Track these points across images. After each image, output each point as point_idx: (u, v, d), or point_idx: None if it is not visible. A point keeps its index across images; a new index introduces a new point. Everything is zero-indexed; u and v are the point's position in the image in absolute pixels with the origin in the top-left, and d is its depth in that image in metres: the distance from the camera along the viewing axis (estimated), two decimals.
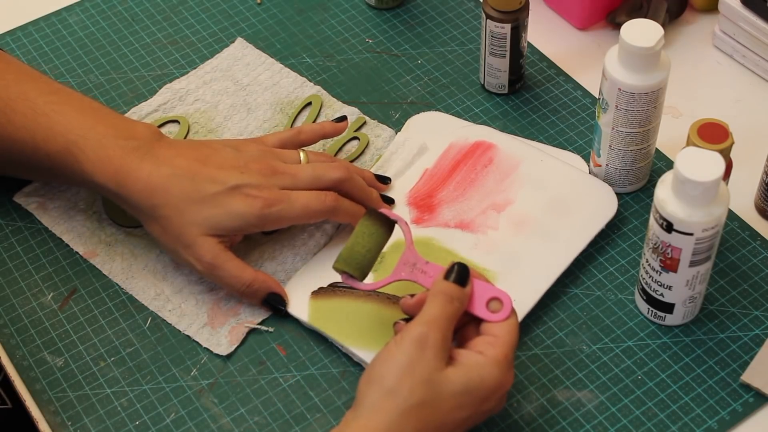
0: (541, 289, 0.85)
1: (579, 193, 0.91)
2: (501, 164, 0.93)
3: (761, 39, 1.00)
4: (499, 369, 0.73)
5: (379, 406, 0.71)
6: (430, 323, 0.73)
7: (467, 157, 0.94)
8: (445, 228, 0.89)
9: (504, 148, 0.94)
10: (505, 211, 0.90)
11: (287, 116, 0.99)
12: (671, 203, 0.77)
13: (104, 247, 0.91)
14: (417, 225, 0.90)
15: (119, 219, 0.92)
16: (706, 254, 0.79)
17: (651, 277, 0.82)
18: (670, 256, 0.79)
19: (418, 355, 0.71)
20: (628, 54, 0.84)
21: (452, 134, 0.95)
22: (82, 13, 1.10)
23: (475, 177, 0.92)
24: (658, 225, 0.78)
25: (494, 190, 0.91)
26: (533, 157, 0.93)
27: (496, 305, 0.76)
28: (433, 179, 0.93)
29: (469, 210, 0.90)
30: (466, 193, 0.91)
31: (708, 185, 0.75)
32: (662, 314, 0.84)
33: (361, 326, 0.84)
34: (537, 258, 0.87)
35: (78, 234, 0.92)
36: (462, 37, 1.07)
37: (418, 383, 0.71)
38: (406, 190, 0.92)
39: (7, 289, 0.89)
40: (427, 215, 0.90)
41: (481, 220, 0.90)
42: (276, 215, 0.84)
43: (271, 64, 1.03)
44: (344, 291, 0.85)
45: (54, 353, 0.85)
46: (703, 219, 0.76)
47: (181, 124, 0.99)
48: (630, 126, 0.88)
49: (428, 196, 0.91)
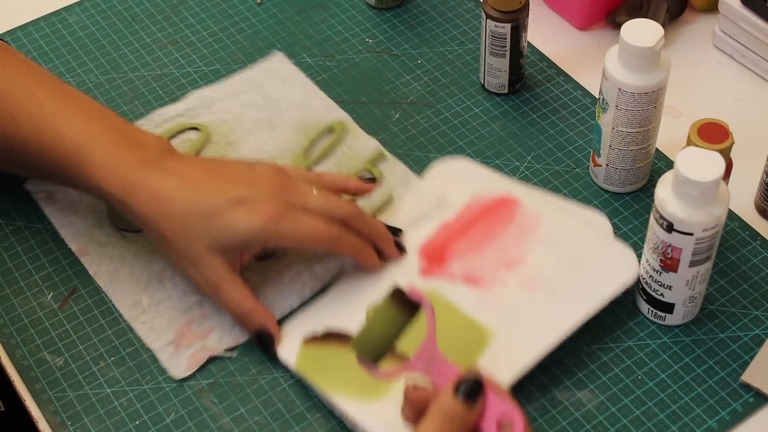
0: (540, 348, 0.80)
1: (596, 254, 0.86)
2: (521, 222, 0.88)
3: (761, 39, 1.00)
4: None
5: None
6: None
7: (489, 213, 0.89)
8: (450, 281, 0.85)
9: (528, 206, 0.89)
10: (516, 269, 0.86)
11: (308, 138, 0.97)
12: (671, 203, 0.77)
13: (96, 247, 0.91)
14: (424, 277, 0.86)
15: (118, 222, 0.92)
16: (706, 254, 0.79)
17: (651, 277, 0.82)
18: (670, 256, 0.79)
19: None
20: (628, 54, 0.84)
21: (477, 187, 0.91)
22: (82, 13, 1.10)
23: (492, 233, 0.88)
24: (658, 225, 0.78)
25: (509, 247, 0.87)
26: (555, 216, 0.89)
27: (508, 426, 0.68)
28: (450, 232, 0.89)
29: (480, 264, 0.86)
30: (481, 248, 0.87)
31: (708, 185, 0.75)
32: (662, 314, 0.84)
33: (348, 376, 0.79)
34: (540, 318, 0.82)
35: (74, 230, 0.92)
36: (462, 37, 1.07)
37: None
38: (420, 241, 0.88)
39: (7, 288, 0.89)
40: (435, 266, 0.86)
41: (490, 276, 0.85)
42: (280, 231, 0.80)
43: (304, 82, 1.02)
44: (338, 339, 0.82)
45: (54, 353, 0.85)
46: (704, 219, 0.76)
47: (201, 132, 0.98)
48: (630, 126, 0.88)
49: (442, 247, 0.88)
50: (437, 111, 1.00)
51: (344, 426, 0.80)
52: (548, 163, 0.96)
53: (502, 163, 0.96)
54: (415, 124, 0.99)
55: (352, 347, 0.73)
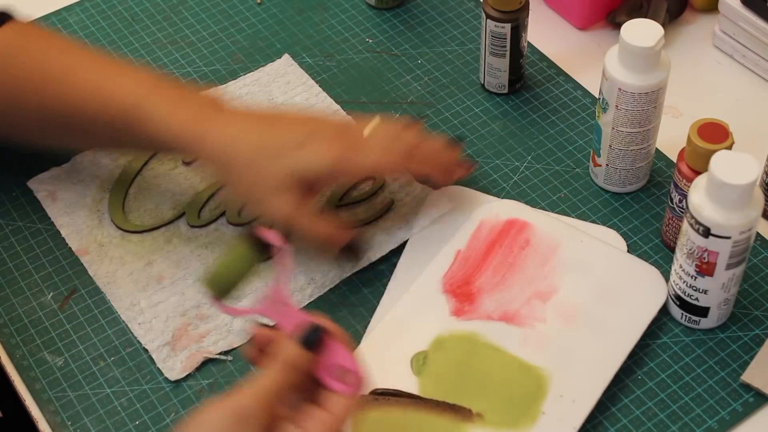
0: (599, 387, 0.80)
1: (625, 278, 0.85)
2: (539, 246, 0.87)
3: (761, 39, 1.00)
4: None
5: None
6: (258, 396, 0.66)
7: (502, 237, 0.88)
8: (488, 321, 0.83)
9: (539, 228, 0.88)
10: (550, 301, 0.84)
11: None
12: (707, 208, 0.76)
13: (96, 247, 0.91)
14: (458, 318, 0.84)
15: (120, 222, 0.92)
16: (742, 256, 0.79)
17: (685, 283, 0.81)
18: (706, 261, 0.79)
19: (233, 429, 0.65)
20: (628, 54, 0.84)
21: (480, 210, 0.90)
22: (82, 13, 1.10)
23: (513, 261, 0.86)
24: (694, 230, 0.78)
25: (536, 276, 0.86)
26: (571, 237, 0.88)
27: (345, 375, 0.69)
28: (467, 263, 0.86)
29: (512, 300, 0.84)
30: (507, 280, 0.85)
31: (745, 188, 0.74)
32: (696, 318, 0.83)
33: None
34: (591, 354, 0.81)
35: (76, 229, 0.92)
36: (462, 37, 1.07)
37: None
38: (440, 275, 0.86)
39: (7, 288, 0.89)
40: (467, 306, 0.84)
41: (526, 311, 0.84)
42: (352, 162, 0.83)
43: (310, 86, 1.02)
44: (386, 400, 0.80)
45: (54, 353, 0.85)
46: (741, 222, 0.76)
47: None
48: (630, 126, 0.88)
49: (465, 282, 0.85)
50: (437, 111, 1.00)
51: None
52: (548, 163, 0.96)
53: (502, 163, 0.96)
54: None
55: (202, 282, 0.74)
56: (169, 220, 0.92)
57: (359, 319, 0.86)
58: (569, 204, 0.93)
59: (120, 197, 0.93)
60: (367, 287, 0.88)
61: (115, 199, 0.93)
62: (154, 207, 0.92)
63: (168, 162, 0.96)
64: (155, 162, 0.96)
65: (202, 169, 0.89)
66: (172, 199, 0.93)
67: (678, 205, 0.85)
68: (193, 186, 0.94)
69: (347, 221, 0.89)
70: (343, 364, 0.70)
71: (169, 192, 0.92)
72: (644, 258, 0.89)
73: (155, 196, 0.92)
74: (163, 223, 0.91)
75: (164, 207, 0.93)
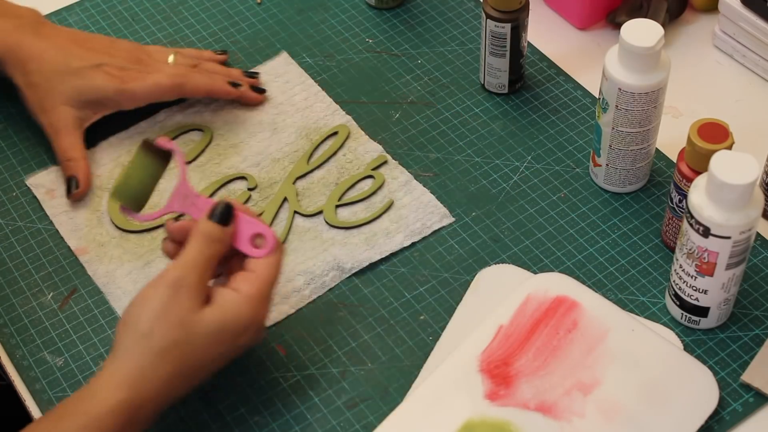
0: None
1: (676, 377, 0.80)
2: (587, 331, 0.81)
3: (761, 39, 1.00)
4: (251, 306, 0.75)
5: (133, 349, 0.73)
6: (187, 266, 0.75)
7: (548, 316, 0.82)
8: (524, 410, 0.78)
9: (589, 310, 0.82)
10: (592, 394, 0.78)
11: (310, 142, 0.97)
12: (707, 208, 0.76)
13: (96, 246, 0.91)
14: (492, 402, 0.78)
15: (119, 221, 0.92)
16: (742, 256, 0.79)
17: (685, 282, 0.81)
18: (706, 261, 0.79)
19: (172, 298, 0.74)
20: (628, 54, 0.84)
21: (528, 283, 0.85)
22: (82, 13, 1.10)
23: (557, 344, 0.81)
24: (694, 230, 0.78)
25: (579, 364, 0.80)
26: (623, 325, 0.82)
27: (260, 241, 0.78)
28: (509, 340, 0.81)
29: (552, 388, 0.79)
30: (548, 365, 0.80)
31: (745, 188, 0.74)
32: (696, 318, 0.83)
33: None
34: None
35: (75, 228, 0.92)
36: (462, 37, 1.07)
37: (171, 326, 0.73)
38: (479, 350, 0.81)
39: (7, 288, 0.89)
40: (503, 389, 0.79)
41: (565, 403, 0.78)
42: (130, 91, 0.94)
43: (309, 85, 1.02)
44: None
45: (54, 353, 0.85)
46: (741, 222, 0.76)
47: (204, 133, 0.98)
48: (630, 126, 0.88)
49: (504, 363, 0.80)
50: (437, 111, 1.00)
51: (344, 426, 0.80)
52: (548, 163, 0.96)
53: (502, 163, 0.96)
54: (415, 124, 0.99)
55: (111, 197, 0.79)
56: (168, 220, 0.92)
57: (359, 319, 0.86)
58: (569, 204, 0.93)
59: None
60: (367, 287, 0.88)
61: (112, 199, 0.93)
62: (153, 207, 0.92)
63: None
64: None
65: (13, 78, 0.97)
66: None
67: (678, 205, 0.85)
68: (193, 185, 0.94)
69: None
70: (257, 232, 0.78)
71: (168, 191, 0.93)
72: (644, 258, 0.89)
73: (154, 196, 0.92)
74: (162, 222, 0.91)
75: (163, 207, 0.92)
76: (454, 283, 0.88)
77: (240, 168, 0.96)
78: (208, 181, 0.95)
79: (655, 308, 0.86)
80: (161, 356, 0.73)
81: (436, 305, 0.87)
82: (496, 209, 0.93)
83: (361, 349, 0.84)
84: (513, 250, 0.90)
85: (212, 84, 0.97)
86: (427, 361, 0.83)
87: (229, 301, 0.75)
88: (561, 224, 0.92)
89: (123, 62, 0.95)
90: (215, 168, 0.96)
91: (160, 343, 0.73)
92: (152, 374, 0.73)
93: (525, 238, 0.91)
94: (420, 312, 0.86)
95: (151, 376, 0.73)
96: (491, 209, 0.93)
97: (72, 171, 0.93)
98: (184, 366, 0.74)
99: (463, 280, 0.88)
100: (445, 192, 0.94)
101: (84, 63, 0.94)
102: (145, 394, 0.72)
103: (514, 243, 0.91)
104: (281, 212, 0.93)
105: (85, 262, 0.90)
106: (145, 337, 0.73)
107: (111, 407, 0.71)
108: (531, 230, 0.91)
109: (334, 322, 0.86)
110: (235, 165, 0.96)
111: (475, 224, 0.92)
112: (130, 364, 0.73)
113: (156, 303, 0.74)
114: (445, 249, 0.90)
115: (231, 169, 0.96)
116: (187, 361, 0.74)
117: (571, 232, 0.91)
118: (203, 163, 0.97)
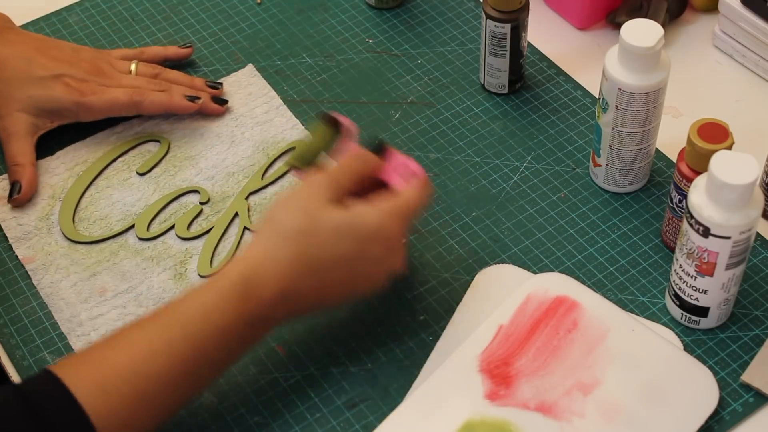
0: None
1: (676, 378, 0.80)
2: (587, 331, 0.81)
3: (761, 39, 1.00)
4: (381, 216, 0.77)
5: (261, 233, 0.77)
6: (330, 173, 0.79)
7: (548, 316, 0.82)
8: (524, 410, 0.78)
9: (590, 310, 0.83)
10: (592, 394, 0.78)
11: (267, 157, 0.96)
12: (707, 208, 0.76)
13: (43, 255, 0.90)
14: (492, 402, 0.78)
15: (69, 232, 0.91)
16: (742, 256, 0.79)
17: (685, 283, 0.81)
18: (706, 261, 0.79)
19: (306, 192, 0.78)
20: (628, 54, 0.84)
21: (529, 283, 0.85)
22: (82, 13, 1.10)
23: (557, 344, 0.81)
24: (694, 230, 0.78)
25: (580, 364, 0.80)
26: (623, 325, 0.82)
27: (411, 176, 0.81)
28: (509, 340, 0.81)
29: (552, 388, 0.79)
30: (548, 365, 0.80)
31: (745, 188, 0.74)
32: (696, 318, 0.83)
33: None
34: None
35: (24, 235, 0.91)
36: (462, 37, 1.07)
37: (299, 213, 0.76)
38: (479, 350, 0.81)
39: (6, 289, 0.89)
40: (503, 389, 0.79)
41: (565, 403, 0.78)
42: (88, 105, 0.95)
43: (271, 98, 1.01)
44: None
45: (54, 353, 0.85)
46: (741, 222, 0.76)
47: (161, 144, 0.98)
48: (630, 126, 0.88)
49: (504, 363, 0.80)
50: (437, 111, 1.01)
51: (344, 426, 0.80)
52: (548, 163, 0.96)
53: (502, 163, 0.96)
54: (415, 124, 1.00)
55: (291, 161, 0.84)
56: (119, 232, 0.91)
57: (359, 319, 0.86)
58: (569, 204, 0.93)
59: (72, 206, 0.93)
60: None
61: (66, 207, 0.93)
62: (104, 218, 0.92)
63: (122, 172, 0.96)
64: (110, 171, 0.96)
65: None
66: (123, 210, 0.93)
67: (678, 205, 0.85)
68: (145, 197, 0.94)
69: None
70: (407, 166, 0.81)
71: (120, 203, 0.93)
72: (644, 258, 0.89)
73: (106, 207, 0.92)
74: (111, 234, 0.91)
75: (114, 218, 0.92)
76: (454, 283, 0.88)
77: (194, 181, 0.95)
78: (161, 193, 0.94)
79: (655, 308, 0.86)
80: (284, 238, 0.76)
81: (436, 305, 0.87)
82: (496, 209, 0.93)
83: (361, 349, 0.84)
84: (513, 250, 0.90)
85: (170, 101, 0.97)
86: (427, 361, 0.83)
87: (360, 208, 0.77)
88: (561, 224, 0.92)
89: (84, 74, 0.96)
90: (169, 180, 0.95)
91: (286, 228, 0.76)
92: (275, 254, 0.75)
93: (525, 238, 0.91)
94: (420, 312, 0.87)
95: (273, 256, 0.75)
96: (491, 209, 0.93)
97: (17, 176, 0.93)
98: (305, 255, 0.76)
99: (463, 280, 0.88)
100: (445, 192, 0.94)
101: (45, 72, 0.95)
102: (264, 273, 0.75)
103: (514, 243, 0.91)
104: (231, 227, 0.92)
105: (30, 271, 0.89)
106: (272, 222, 0.77)
107: (232, 279, 0.75)
108: (531, 230, 0.91)
109: (334, 322, 0.86)
110: (189, 178, 0.95)
111: (475, 224, 0.92)
112: (258, 244, 0.77)
113: (291, 196, 0.78)
114: (445, 249, 0.90)
115: (185, 182, 0.95)
116: (309, 250, 0.76)
117: (571, 232, 0.91)
118: (158, 174, 0.96)
